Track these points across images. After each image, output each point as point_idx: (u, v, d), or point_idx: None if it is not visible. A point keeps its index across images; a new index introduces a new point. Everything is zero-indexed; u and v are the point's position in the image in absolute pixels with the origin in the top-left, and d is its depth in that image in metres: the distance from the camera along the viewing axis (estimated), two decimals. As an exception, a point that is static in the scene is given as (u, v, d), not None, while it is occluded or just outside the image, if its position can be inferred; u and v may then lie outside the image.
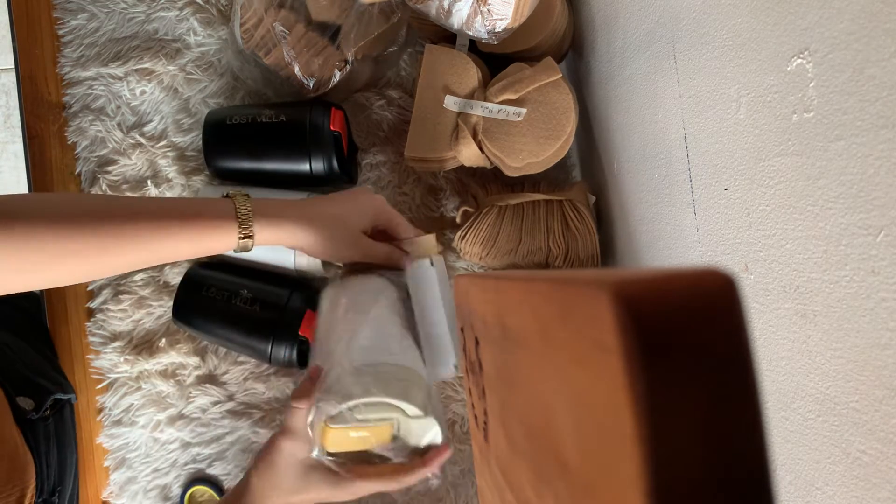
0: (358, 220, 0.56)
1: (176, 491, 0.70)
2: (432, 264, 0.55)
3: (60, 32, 0.74)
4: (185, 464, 0.70)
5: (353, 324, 0.54)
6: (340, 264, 0.69)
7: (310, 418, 0.50)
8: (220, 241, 0.51)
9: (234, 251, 0.52)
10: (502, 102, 0.60)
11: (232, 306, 0.64)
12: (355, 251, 0.56)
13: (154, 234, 0.48)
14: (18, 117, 0.75)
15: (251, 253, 0.66)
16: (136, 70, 0.73)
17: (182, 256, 0.51)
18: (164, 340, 0.70)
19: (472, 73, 0.62)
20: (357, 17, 0.64)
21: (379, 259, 0.57)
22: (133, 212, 0.48)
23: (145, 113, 0.73)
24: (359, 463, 0.53)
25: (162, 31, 0.74)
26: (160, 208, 0.49)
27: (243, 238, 0.51)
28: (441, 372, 0.55)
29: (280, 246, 0.56)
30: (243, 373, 0.70)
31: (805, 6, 0.30)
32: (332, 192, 0.72)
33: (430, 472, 0.53)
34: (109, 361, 0.71)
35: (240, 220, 0.51)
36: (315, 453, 0.51)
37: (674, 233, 0.50)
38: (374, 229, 0.60)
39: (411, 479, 0.53)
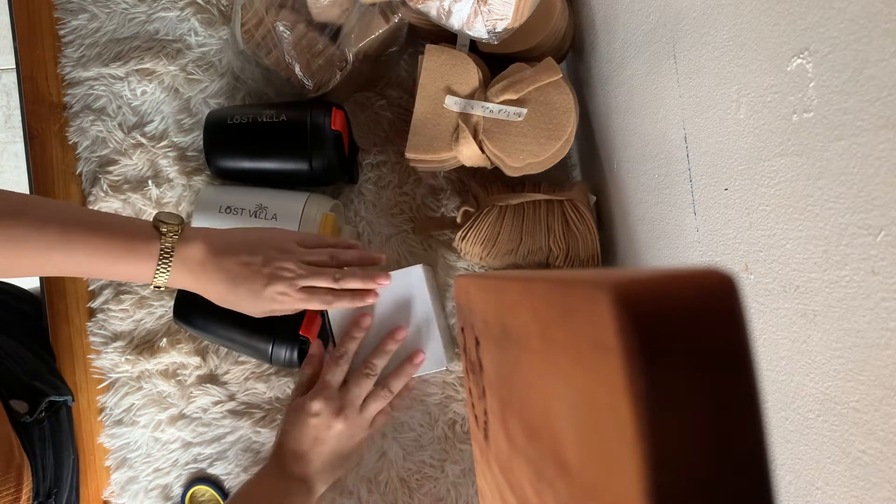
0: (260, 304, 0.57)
1: (177, 491, 0.70)
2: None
3: (61, 32, 0.74)
4: (186, 463, 0.70)
5: None
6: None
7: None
8: (134, 276, 0.53)
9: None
10: (503, 102, 0.60)
11: (233, 306, 0.64)
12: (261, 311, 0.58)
13: (62, 249, 0.49)
14: (19, 117, 0.75)
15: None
16: (137, 70, 0.73)
17: (93, 276, 0.53)
18: (165, 340, 0.70)
19: (472, 74, 0.62)
20: (358, 18, 0.64)
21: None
22: (54, 220, 0.48)
23: (146, 113, 0.73)
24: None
25: (163, 32, 0.74)
26: (90, 223, 0.50)
27: (159, 278, 0.53)
28: None
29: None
30: (244, 373, 0.71)
31: (805, 6, 0.30)
32: (332, 192, 0.72)
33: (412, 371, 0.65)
34: (110, 361, 0.71)
35: (160, 262, 0.52)
36: None
37: (674, 233, 0.50)
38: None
39: (401, 382, 0.65)
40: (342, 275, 0.59)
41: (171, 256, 0.52)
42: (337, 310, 0.64)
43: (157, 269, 0.52)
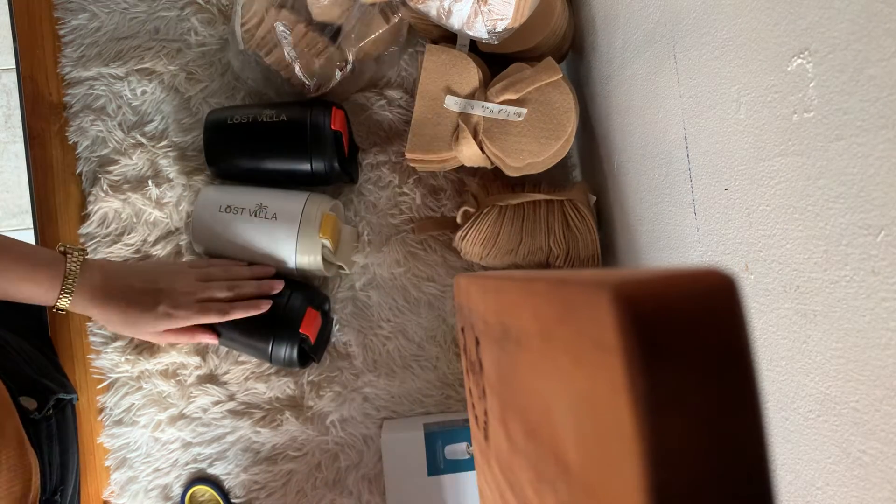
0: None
1: (177, 491, 0.70)
2: None
3: (61, 32, 0.74)
4: (186, 463, 0.70)
5: None
6: (345, 268, 0.69)
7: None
8: (36, 298, 0.56)
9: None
10: (503, 102, 0.60)
11: (232, 306, 0.64)
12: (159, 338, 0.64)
13: None
14: (19, 117, 0.75)
15: (251, 252, 0.66)
16: (137, 70, 0.73)
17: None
18: (164, 340, 0.70)
19: (472, 73, 0.62)
20: (358, 18, 0.64)
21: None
22: None
23: (146, 113, 0.73)
24: None
25: (163, 31, 0.74)
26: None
27: (63, 300, 0.57)
28: None
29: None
30: (244, 372, 0.71)
31: (805, 6, 0.30)
32: (332, 192, 0.72)
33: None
34: (110, 361, 0.71)
35: (64, 284, 0.56)
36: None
37: (674, 233, 0.50)
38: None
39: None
40: (236, 284, 0.64)
41: (75, 280, 0.56)
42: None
43: (62, 291, 0.56)
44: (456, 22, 0.57)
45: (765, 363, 0.37)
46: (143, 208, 0.72)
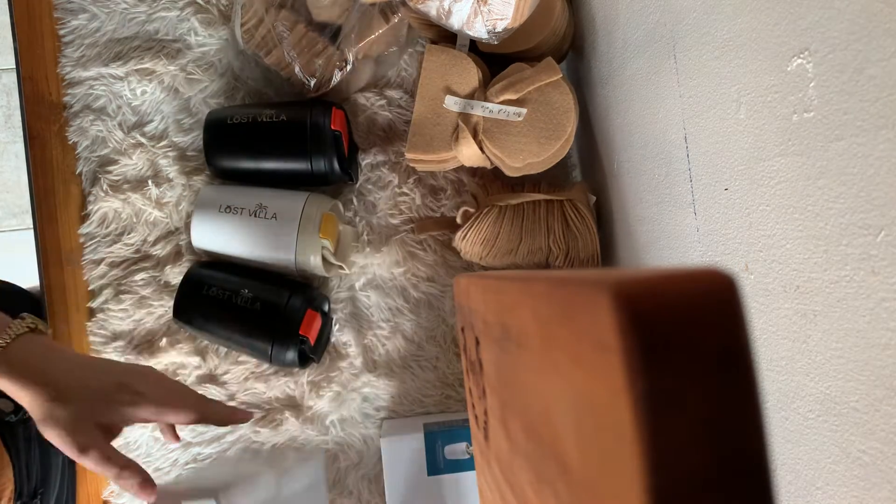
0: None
1: (177, 490, 0.70)
2: None
3: (61, 32, 0.74)
4: (186, 463, 0.70)
5: None
6: (344, 269, 0.69)
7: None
8: None
9: None
10: (503, 102, 0.60)
11: (232, 306, 0.64)
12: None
13: None
14: (19, 117, 0.75)
15: (251, 252, 0.66)
16: (137, 70, 0.73)
17: None
18: (164, 340, 0.70)
19: (472, 73, 0.62)
20: (358, 18, 0.64)
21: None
22: None
23: (146, 113, 0.73)
24: None
25: (163, 32, 0.74)
26: None
27: None
28: None
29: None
30: (244, 372, 0.71)
31: (805, 6, 0.30)
32: (332, 192, 0.72)
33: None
34: (110, 361, 0.71)
35: None
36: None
37: (674, 233, 0.50)
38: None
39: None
40: (126, 468, 0.49)
41: (7, 343, 0.45)
42: None
43: None
44: (456, 22, 0.57)
45: (765, 363, 0.37)
46: (143, 208, 0.72)
